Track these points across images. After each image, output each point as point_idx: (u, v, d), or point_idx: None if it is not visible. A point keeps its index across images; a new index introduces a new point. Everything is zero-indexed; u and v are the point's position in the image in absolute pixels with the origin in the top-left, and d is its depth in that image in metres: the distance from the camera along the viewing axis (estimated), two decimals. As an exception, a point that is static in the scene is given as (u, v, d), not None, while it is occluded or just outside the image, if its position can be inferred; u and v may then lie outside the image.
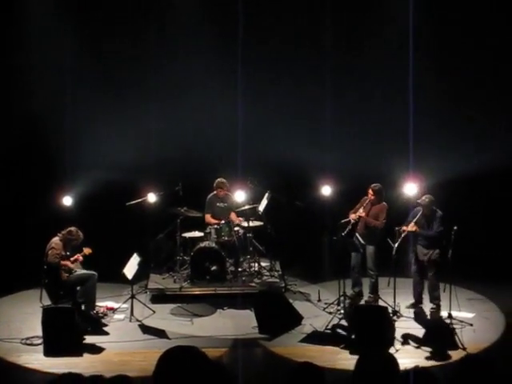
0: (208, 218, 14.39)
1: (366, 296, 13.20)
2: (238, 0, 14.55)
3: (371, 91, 15.69)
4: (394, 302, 12.32)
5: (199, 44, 15.63)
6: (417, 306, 12.81)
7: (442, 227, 12.46)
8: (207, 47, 15.54)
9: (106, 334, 11.94)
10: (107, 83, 15.47)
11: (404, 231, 12.33)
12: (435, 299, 12.70)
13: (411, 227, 12.37)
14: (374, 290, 13.01)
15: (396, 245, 12.12)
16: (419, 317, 12.54)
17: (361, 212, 12.91)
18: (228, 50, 15.25)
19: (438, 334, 11.65)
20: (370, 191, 12.98)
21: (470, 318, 12.25)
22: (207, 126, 15.55)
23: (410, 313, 12.63)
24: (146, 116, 15.52)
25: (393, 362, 5.05)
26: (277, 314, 12.07)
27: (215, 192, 14.43)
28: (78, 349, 11.09)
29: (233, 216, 14.44)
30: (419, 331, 11.82)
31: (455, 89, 15.50)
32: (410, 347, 11.23)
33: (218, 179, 14.39)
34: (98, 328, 12.09)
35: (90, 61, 15.55)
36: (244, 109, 15.12)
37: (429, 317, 12.62)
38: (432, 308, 12.73)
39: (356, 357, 5.11)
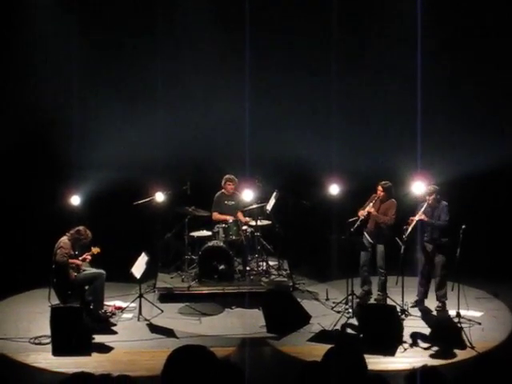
0: (216, 215, 14.39)
1: (375, 294, 13.20)
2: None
3: (379, 89, 15.67)
4: (402, 300, 12.31)
5: (206, 43, 15.63)
6: (420, 304, 12.80)
7: (448, 216, 12.49)
8: (214, 46, 15.53)
9: (115, 333, 11.96)
10: (115, 82, 15.49)
11: (412, 221, 12.33)
12: (442, 297, 12.71)
13: (419, 216, 12.38)
14: (384, 288, 13.02)
15: (405, 236, 12.13)
16: (427, 315, 12.54)
17: (370, 208, 12.89)
18: (235, 48, 15.24)
19: (446, 333, 11.65)
20: (380, 188, 12.98)
21: (478, 317, 12.23)
22: (215, 125, 15.54)
23: (418, 311, 12.62)
24: (154, 115, 15.50)
25: (361, 359, 5.00)
26: (285, 313, 12.07)
27: (223, 190, 14.44)
28: (86, 348, 11.09)
29: (240, 216, 14.44)
30: (427, 330, 11.82)
31: (465, 85, 15.45)
32: (418, 346, 11.20)
33: (227, 175, 14.40)
34: (107, 327, 12.11)
35: (97, 60, 15.58)
36: (252, 107, 15.13)
37: (436, 315, 12.61)
38: (438, 306, 12.75)
39: (364, 356, 5.09)
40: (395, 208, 12.99)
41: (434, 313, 12.69)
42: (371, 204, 12.92)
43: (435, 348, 11.09)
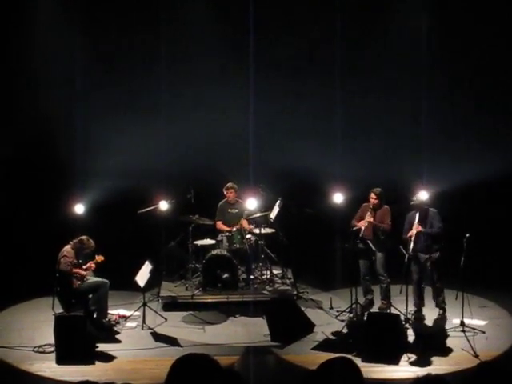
0: (219, 224, 14.41)
1: (379, 303, 13.18)
2: (249, 4, 14.60)
3: (383, 97, 15.68)
4: (406, 309, 12.28)
5: (211, 51, 15.66)
6: (418, 312, 12.78)
7: (441, 223, 12.50)
8: (219, 54, 15.58)
9: (118, 341, 11.95)
10: (119, 90, 15.52)
11: (411, 236, 12.33)
12: (441, 303, 12.72)
13: (416, 228, 12.37)
14: (386, 295, 13.03)
15: (410, 251, 12.13)
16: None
17: (369, 217, 12.90)
18: (240, 57, 15.28)
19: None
20: (373, 195, 13.00)
21: (482, 326, 12.20)
22: (219, 134, 15.55)
23: (422, 320, 12.60)
24: (158, 123, 15.52)
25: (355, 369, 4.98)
26: (289, 322, 12.05)
27: (226, 199, 14.45)
28: (90, 357, 11.09)
29: (244, 223, 14.44)
30: (431, 338, 11.80)
31: (468, 93, 15.44)
32: (422, 354, 11.17)
33: (228, 184, 14.41)
34: (110, 336, 12.11)
35: (101, 67, 15.62)
36: (255, 116, 15.15)
37: (438, 322, 12.60)
38: (439, 314, 12.72)
39: (368, 364, 5.08)
40: (390, 214, 13.03)
41: (436, 320, 12.66)
42: (368, 214, 12.94)
43: (439, 356, 11.07)
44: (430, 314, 12.83)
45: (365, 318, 12.16)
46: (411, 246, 12.23)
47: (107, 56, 15.70)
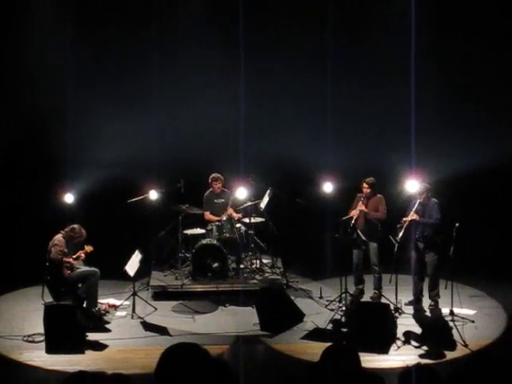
0: (208, 215, 14.39)
1: (371, 292, 13.22)
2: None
3: (373, 87, 15.69)
4: (396, 298, 12.32)
5: (201, 42, 15.65)
6: (417, 303, 12.80)
7: (440, 214, 12.49)
8: (209, 45, 15.56)
9: (108, 331, 11.94)
10: (109, 80, 15.48)
11: (405, 222, 12.33)
12: (434, 296, 12.72)
13: (411, 216, 12.37)
14: (379, 285, 13.08)
15: (399, 238, 12.14)
16: (419, 314, 12.54)
17: (360, 206, 12.92)
18: (229, 48, 15.25)
19: (437, 332, 11.66)
20: (365, 185, 13.03)
21: (471, 315, 12.24)
22: (209, 123, 15.53)
23: (411, 310, 12.63)
24: (148, 113, 15.51)
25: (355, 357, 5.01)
26: (278, 311, 12.06)
27: (211, 189, 14.42)
28: (79, 346, 11.07)
29: (231, 211, 14.37)
30: (420, 328, 11.83)
31: (459, 83, 15.47)
32: (412, 344, 11.20)
33: (213, 174, 14.39)
34: (100, 325, 12.10)
35: (92, 59, 15.59)
36: (246, 106, 15.13)
37: (428, 313, 12.62)
38: (430, 305, 12.74)
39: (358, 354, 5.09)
40: (384, 203, 13.06)
41: (427, 311, 12.70)
42: (360, 202, 12.96)
43: (429, 346, 11.10)
44: (426, 306, 12.85)
45: (354, 308, 12.20)
46: (400, 233, 12.25)
47: (97, 46, 15.65)
